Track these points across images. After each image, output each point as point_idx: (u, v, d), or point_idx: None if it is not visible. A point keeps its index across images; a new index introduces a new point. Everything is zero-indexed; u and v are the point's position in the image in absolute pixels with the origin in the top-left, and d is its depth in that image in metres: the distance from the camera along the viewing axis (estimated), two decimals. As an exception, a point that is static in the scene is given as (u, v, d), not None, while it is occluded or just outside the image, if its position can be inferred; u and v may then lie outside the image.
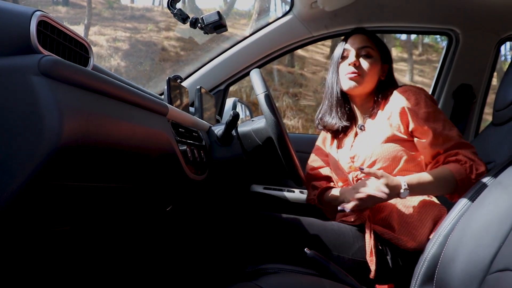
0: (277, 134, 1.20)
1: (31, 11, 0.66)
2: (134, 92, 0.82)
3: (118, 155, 0.77)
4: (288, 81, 10.93)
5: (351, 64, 1.44)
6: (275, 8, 8.31)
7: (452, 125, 1.36)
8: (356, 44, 1.48)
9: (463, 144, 1.33)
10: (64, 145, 0.59)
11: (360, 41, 1.48)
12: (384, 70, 1.51)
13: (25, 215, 0.67)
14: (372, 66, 1.45)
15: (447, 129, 1.34)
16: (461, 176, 1.26)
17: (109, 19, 11.72)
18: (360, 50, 1.46)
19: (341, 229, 1.33)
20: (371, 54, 1.46)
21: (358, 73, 1.43)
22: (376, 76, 1.47)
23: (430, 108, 1.35)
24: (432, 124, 1.33)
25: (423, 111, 1.34)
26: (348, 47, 1.49)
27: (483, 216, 0.91)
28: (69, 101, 0.61)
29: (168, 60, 10.04)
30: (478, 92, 2.13)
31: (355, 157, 1.44)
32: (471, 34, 2.08)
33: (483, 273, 0.82)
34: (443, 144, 1.32)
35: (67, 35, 0.77)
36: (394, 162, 1.36)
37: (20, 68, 0.59)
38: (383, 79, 1.50)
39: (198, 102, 1.62)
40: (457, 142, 1.32)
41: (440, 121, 1.34)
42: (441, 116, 1.36)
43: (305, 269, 1.17)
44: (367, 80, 1.44)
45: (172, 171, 1.04)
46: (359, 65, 1.44)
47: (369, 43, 1.48)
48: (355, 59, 1.44)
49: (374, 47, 1.48)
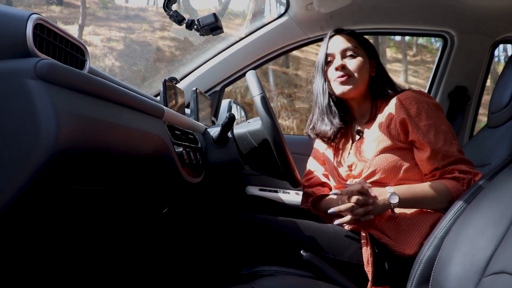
0: (273, 136, 1.20)
1: (27, 14, 0.65)
2: (130, 95, 0.81)
3: (114, 158, 0.77)
4: (283, 81, 10.93)
5: (338, 68, 1.40)
6: (270, 9, 8.31)
7: (454, 137, 1.32)
8: (339, 46, 1.43)
9: (462, 161, 1.29)
10: (61, 149, 0.59)
11: (342, 42, 1.44)
12: (373, 65, 1.47)
13: (23, 219, 0.67)
14: (360, 64, 1.41)
15: (447, 144, 1.29)
16: (457, 192, 1.23)
17: (104, 19, 11.66)
18: (344, 51, 1.43)
19: (337, 232, 1.33)
20: (356, 53, 1.42)
21: (347, 75, 1.40)
22: (366, 73, 1.43)
23: (432, 119, 1.30)
24: (432, 138, 1.29)
25: (423, 124, 1.30)
26: (331, 51, 1.45)
27: (478, 218, 0.91)
28: (66, 105, 0.61)
29: (163, 61, 10.01)
30: (472, 94, 2.14)
31: (353, 165, 1.43)
32: (466, 36, 2.09)
33: (478, 276, 0.82)
34: (441, 160, 1.28)
35: (63, 37, 0.76)
36: (394, 172, 1.33)
37: (17, 72, 0.59)
38: (374, 75, 1.47)
39: (194, 104, 1.62)
40: (456, 159, 1.29)
41: (441, 134, 1.30)
42: (442, 127, 1.31)
43: (301, 271, 1.18)
44: (358, 80, 1.40)
45: (168, 173, 1.04)
46: (347, 67, 1.41)
47: (352, 42, 1.44)
48: (341, 62, 1.41)
49: (357, 45, 1.44)
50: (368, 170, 1.35)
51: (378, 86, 1.45)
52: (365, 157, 1.38)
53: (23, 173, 0.59)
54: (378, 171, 1.34)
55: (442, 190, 1.25)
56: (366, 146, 1.40)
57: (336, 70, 1.41)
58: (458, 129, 2.12)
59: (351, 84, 1.40)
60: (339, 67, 1.40)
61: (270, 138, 1.21)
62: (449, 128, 1.32)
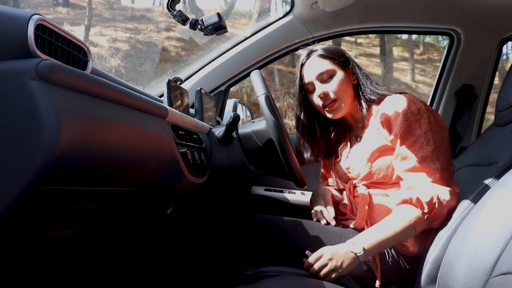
0: (278, 136, 1.20)
1: (29, 14, 0.65)
2: (133, 95, 0.81)
3: (117, 159, 0.77)
4: (289, 81, 10.92)
5: (321, 96, 1.37)
6: (275, 8, 8.31)
7: (427, 142, 1.23)
8: (314, 71, 1.39)
9: (419, 168, 1.22)
10: (63, 150, 0.59)
11: (316, 66, 1.40)
12: (351, 74, 1.43)
13: (25, 219, 0.67)
14: (340, 83, 1.37)
15: (414, 147, 1.23)
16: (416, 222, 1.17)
17: (110, 19, 11.72)
18: (321, 75, 1.38)
19: (342, 232, 1.33)
20: (332, 73, 1.38)
21: (332, 99, 1.37)
22: (349, 87, 1.40)
23: (407, 122, 1.25)
24: (401, 140, 1.26)
25: (397, 127, 1.26)
26: (308, 78, 1.41)
27: (485, 218, 0.90)
28: (67, 106, 0.61)
29: (168, 61, 10.05)
30: (480, 92, 2.13)
31: (350, 167, 1.42)
32: (473, 34, 2.07)
33: (486, 276, 0.81)
34: (400, 162, 1.26)
35: (65, 38, 0.76)
36: (390, 172, 1.32)
37: (18, 72, 0.59)
38: (356, 83, 1.43)
39: (198, 104, 1.62)
40: (414, 166, 1.23)
41: (411, 137, 1.24)
42: (416, 132, 1.24)
43: (306, 272, 1.17)
44: (344, 99, 1.37)
45: (173, 174, 1.04)
46: (329, 93, 1.37)
47: (325, 63, 1.39)
48: (322, 90, 1.37)
49: (331, 63, 1.39)
50: (365, 171, 1.35)
51: (364, 90, 1.41)
52: (361, 159, 1.37)
53: (25, 173, 0.59)
54: (374, 172, 1.34)
55: (401, 223, 1.17)
56: (362, 148, 1.39)
57: (320, 99, 1.39)
58: (465, 127, 2.11)
59: (338, 108, 1.38)
60: (321, 95, 1.37)
61: (275, 137, 1.21)
62: (424, 133, 1.24)
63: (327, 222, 1.35)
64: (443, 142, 1.25)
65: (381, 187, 1.35)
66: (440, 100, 2.19)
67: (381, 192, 1.35)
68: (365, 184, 1.37)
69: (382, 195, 1.34)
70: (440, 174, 1.20)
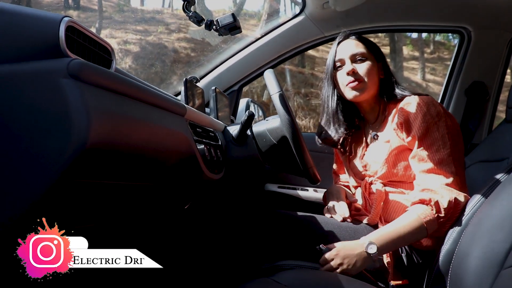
0: (292, 133, 1.22)
1: (60, 17, 0.69)
2: (154, 93, 0.84)
3: (140, 154, 0.80)
4: (299, 81, 10.90)
5: (349, 73, 1.39)
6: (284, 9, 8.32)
7: (444, 145, 1.25)
8: (349, 51, 1.42)
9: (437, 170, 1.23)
10: (91, 145, 0.62)
11: (352, 47, 1.43)
12: (381, 68, 1.46)
13: (52, 212, 0.70)
14: (370, 68, 1.40)
15: (431, 149, 1.25)
16: (429, 223, 1.18)
17: (120, 22, 11.78)
18: (353, 56, 1.41)
19: (356, 227, 1.35)
20: (365, 57, 1.41)
21: (359, 80, 1.39)
22: (376, 77, 1.42)
23: (426, 124, 1.27)
24: (419, 141, 1.27)
25: (416, 128, 1.28)
26: (340, 56, 1.44)
27: (497, 211, 0.91)
28: (96, 103, 0.63)
29: (179, 62, 10.08)
30: (491, 89, 2.13)
31: (367, 165, 1.44)
32: (483, 32, 2.07)
33: (497, 268, 0.82)
34: (417, 163, 1.27)
35: (91, 39, 0.80)
36: (407, 170, 1.33)
37: (51, 71, 0.62)
38: (383, 78, 1.45)
39: (213, 102, 1.64)
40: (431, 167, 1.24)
41: (429, 139, 1.26)
42: (435, 134, 1.26)
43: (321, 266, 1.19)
44: (369, 84, 1.39)
45: (191, 170, 1.06)
46: (357, 72, 1.39)
47: (360, 46, 1.43)
48: (351, 67, 1.39)
49: (365, 49, 1.43)
50: (382, 170, 1.36)
51: (387, 88, 1.44)
52: (378, 157, 1.39)
53: (56, 166, 0.61)
54: (393, 172, 1.35)
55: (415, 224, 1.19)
56: (379, 147, 1.41)
57: (347, 75, 1.40)
58: (477, 124, 2.11)
59: (362, 89, 1.39)
60: (350, 72, 1.38)
61: (289, 134, 1.23)
62: (441, 136, 1.26)
63: (342, 219, 1.37)
64: (458, 146, 1.27)
65: (398, 185, 1.37)
66: (450, 97, 2.20)
67: (398, 190, 1.37)
68: (382, 182, 1.39)
69: (399, 193, 1.36)
70: (455, 178, 1.22)
